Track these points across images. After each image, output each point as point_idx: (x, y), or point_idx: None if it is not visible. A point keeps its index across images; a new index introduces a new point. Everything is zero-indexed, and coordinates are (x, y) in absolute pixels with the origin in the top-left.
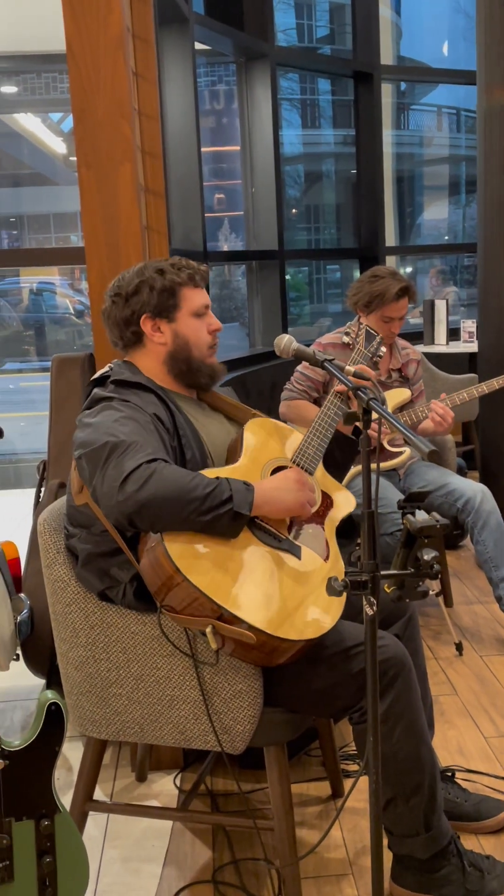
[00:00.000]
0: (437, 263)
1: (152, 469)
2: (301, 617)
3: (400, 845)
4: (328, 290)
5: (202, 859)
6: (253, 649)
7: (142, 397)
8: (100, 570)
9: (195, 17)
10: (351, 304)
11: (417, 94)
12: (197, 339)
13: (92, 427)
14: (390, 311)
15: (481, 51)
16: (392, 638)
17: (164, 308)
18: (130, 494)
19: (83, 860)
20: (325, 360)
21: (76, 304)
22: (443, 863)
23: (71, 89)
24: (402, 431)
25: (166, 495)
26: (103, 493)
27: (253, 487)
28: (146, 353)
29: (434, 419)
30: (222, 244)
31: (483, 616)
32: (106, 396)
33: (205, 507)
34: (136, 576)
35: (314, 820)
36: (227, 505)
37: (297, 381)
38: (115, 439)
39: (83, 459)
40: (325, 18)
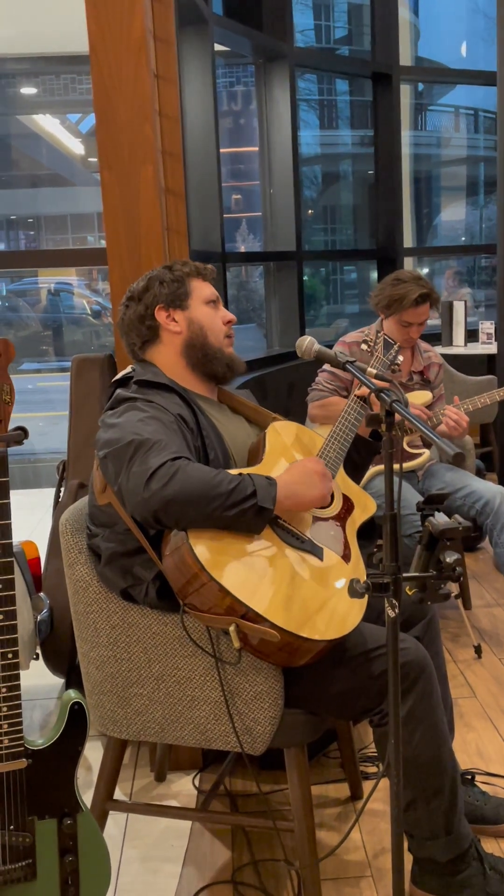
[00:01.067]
0: (453, 264)
1: (177, 466)
2: (323, 617)
3: (420, 848)
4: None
5: (221, 860)
6: (275, 649)
7: (165, 398)
8: (122, 568)
9: (214, 18)
10: (373, 304)
11: (435, 94)
12: (212, 325)
13: (116, 427)
14: (408, 317)
15: (502, 51)
16: (413, 640)
17: (175, 297)
18: (156, 491)
19: (105, 859)
20: (348, 362)
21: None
22: (463, 866)
23: (94, 91)
24: (427, 434)
25: (191, 492)
26: (128, 491)
27: (276, 482)
28: (163, 347)
29: (448, 423)
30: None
31: (502, 619)
32: (129, 397)
33: (229, 503)
34: (158, 574)
35: (333, 822)
36: (252, 500)
37: (327, 381)
38: (139, 438)
39: (108, 458)
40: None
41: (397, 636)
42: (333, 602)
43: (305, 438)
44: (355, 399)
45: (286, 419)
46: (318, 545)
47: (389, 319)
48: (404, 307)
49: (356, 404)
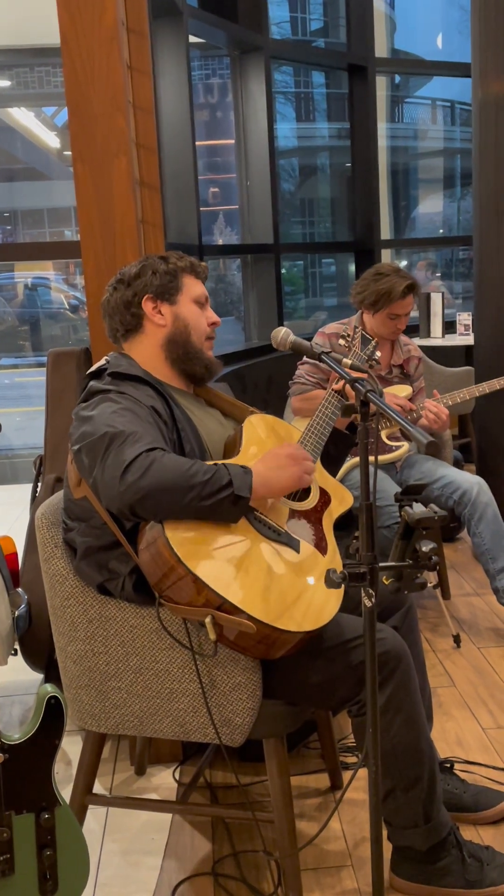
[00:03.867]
0: (430, 256)
1: (152, 458)
2: (300, 609)
3: (399, 837)
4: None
5: (202, 852)
6: (252, 642)
7: (139, 390)
8: (98, 563)
9: (189, 9)
10: (356, 302)
11: (412, 86)
12: (196, 325)
13: (90, 419)
14: (397, 309)
15: (476, 42)
16: (390, 630)
17: (165, 290)
18: (132, 483)
19: (83, 853)
20: (323, 353)
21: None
22: (442, 854)
23: (66, 83)
24: (401, 423)
25: (167, 483)
26: (104, 484)
27: (251, 470)
28: (144, 338)
29: (428, 416)
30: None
31: (480, 608)
32: (103, 389)
33: (205, 493)
34: (134, 568)
35: (313, 812)
36: (228, 489)
37: (309, 373)
38: (113, 430)
39: (82, 452)
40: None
41: (374, 626)
42: (310, 593)
43: (282, 431)
44: (332, 393)
45: (263, 412)
46: (294, 538)
47: (377, 315)
48: (393, 300)
49: (333, 398)
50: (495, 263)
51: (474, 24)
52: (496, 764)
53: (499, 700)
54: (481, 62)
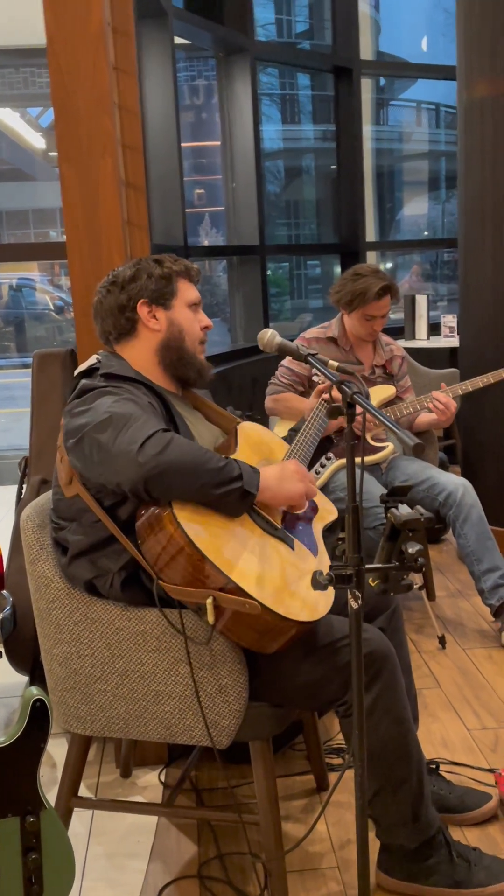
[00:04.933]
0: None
1: (170, 436)
2: (297, 600)
3: (387, 835)
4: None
5: (188, 854)
6: (250, 629)
7: (133, 390)
8: (89, 560)
9: (174, 10)
10: (333, 301)
11: (397, 89)
12: (190, 329)
13: (89, 411)
14: (371, 310)
15: (461, 45)
16: (376, 631)
17: (161, 294)
18: (152, 457)
19: (69, 857)
20: (309, 355)
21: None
22: (430, 852)
23: (51, 83)
24: (387, 424)
25: (185, 462)
26: (119, 459)
27: (259, 471)
28: (138, 341)
29: (437, 407)
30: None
31: (466, 609)
32: (98, 385)
33: (217, 481)
34: (124, 566)
35: (299, 814)
36: (238, 482)
37: (283, 375)
38: (119, 412)
39: (84, 439)
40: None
41: (360, 627)
42: (305, 587)
43: (271, 441)
44: (322, 403)
45: (250, 420)
46: (289, 535)
47: (352, 315)
48: (367, 301)
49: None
50: (480, 266)
51: (459, 28)
52: (481, 765)
53: (484, 701)
54: (466, 65)
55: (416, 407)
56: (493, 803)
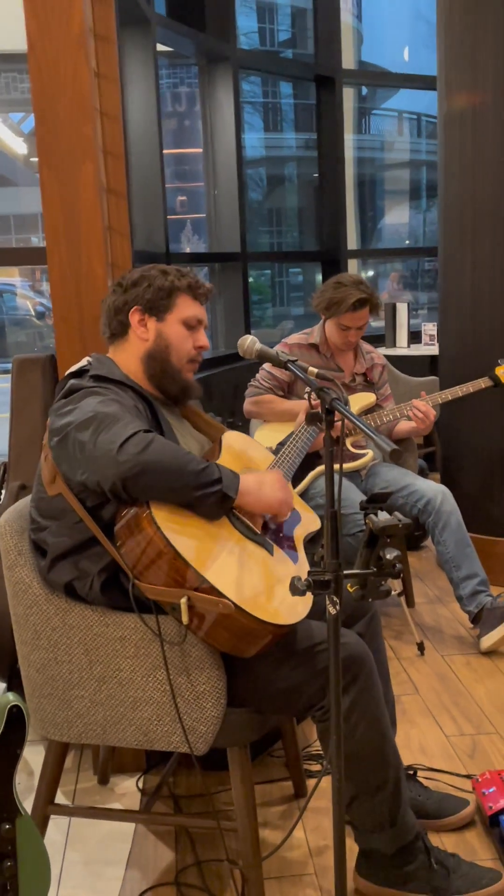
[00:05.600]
0: (398, 268)
1: (151, 436)
2: (274, 603)
3: (365, 841)
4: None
5: (165, 861)
6: (226, 631)
7: (121, 393)
8: (71, 562)
9: (157, 18)
10: (313, 306)
11: (378, 98)
12: (179, 347)
13: (75, 409)
14: (346, 321)
15: (441, 56)
16: (353, 636)
17: (155, 305)
18: (132, 456)
19: (45, 864)
20: (289, 361)
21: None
22: (409, 858)
23: (32, 89)
24: (366, 431)
25: (165, 462)
26: (99, 458)
27: (238, 476)
28: (128, 345)
29: (416, 416)
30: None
31: (444, 616)
32: (86, 386)
33: (197, 483)
34: (104, 568)
35: (277, 820)
36: (217, 485)
37: (264, 378)
38: (103, 412)
39: (67, 438)
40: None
41: (338, 633)
42: (283, 592)
43: (255, 450)
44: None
45: (231, 426)
46: (269, 541)
47: (330, 322)
48: (342, 311)
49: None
50: (460, 274)
51: (440, 39)
52: (459, 771)
53: (462, 707)
54: (447, 76)
55: (395, 415)
56: (470, 809)
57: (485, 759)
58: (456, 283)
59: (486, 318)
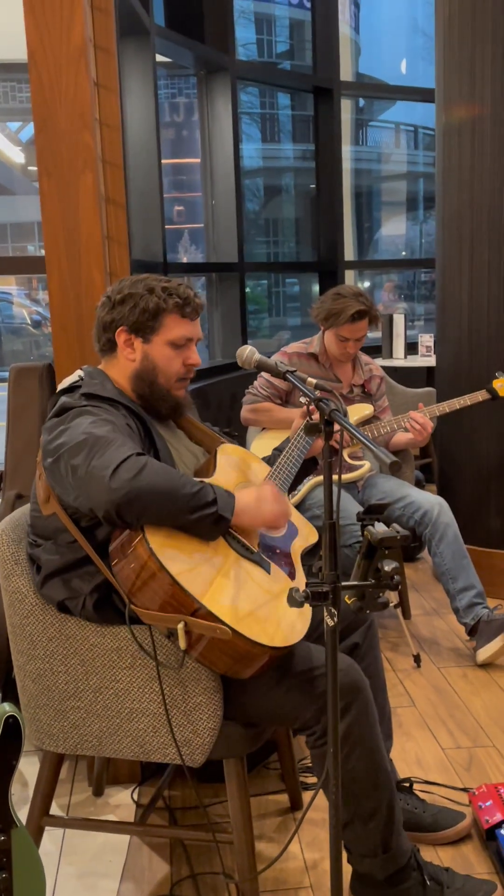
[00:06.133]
0: (393, 278)
1: (144, 460)
2: (271, 625)
3: (359, 864)
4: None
5: (160, 874)
6: (223, 654)
7: (112, 412)
8: (62, 581)
9: (156, 28)
10: (313, 316)
11: (376, 110)
12: (166, 368)
13: (67, 430)
14: (345, 332)
15: (440, 69)
16: (348, 662)
17: (141, 327)
18: (125, 482)
19: (40, 876)
20: (287, 372)
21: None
22: (403, 877)
23: (32, 99)
24: (364, 443)
25: (159, 487)
26: (91, 484)
27: (234, 495)
28: (117, 362)
29: (414, 427)
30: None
31: (441, 628)
32: (77, 405)
33: (191, 506)
34: (96, 587)
35: (272, 833)
36: (213, 507)
37: (262, 387)
38: (95, 435)
39: (61, 459)
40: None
41: (336, 645)
42: (280, 612)
43: (252, 463)
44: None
45: (232, 437)
46: (265, 559)
47: (328, 333)
48: (340, 322)
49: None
50: (458, 286)
51: (438, 52)
52: (455, 784)
53: (458, 720)
54: (445, 88)
55: (393, 426)
56: (466, 822)
57: (481, 773)
58: (454, 295)
59: (484, 330)
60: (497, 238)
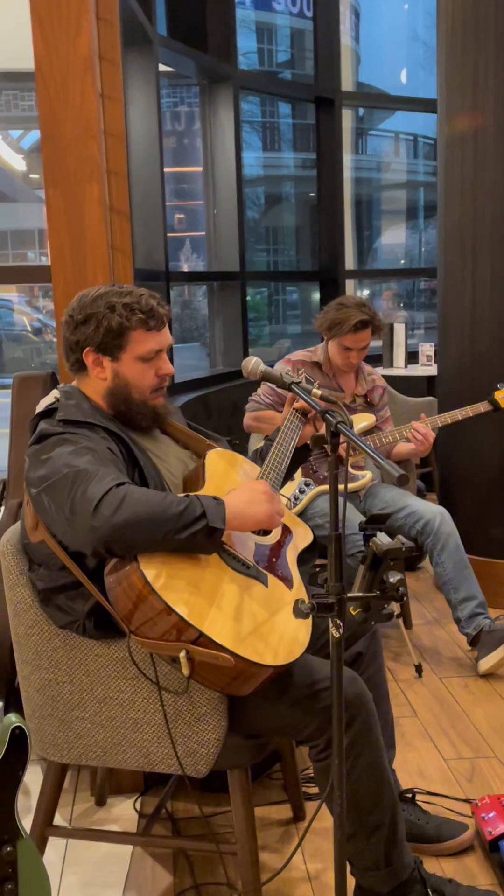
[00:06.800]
0: (392, 287)
1: (123, 492)
2: (273, 642)
3: (361, 878)
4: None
5: (163, 885)
6: (226, 677)
7: (91, 436)
8: (58, 606)
9: (159, 38)
10: (316, 326)
11: (376, 119)
12: (139, 383)
13: (48, 461)
14: (347, 341)
15: (442, 79)
16: (351, 675)
17: (107, 347)
18: (106, 519)
19: (45, 886)
20: (293, 384)
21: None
22: (406, 890)
23: (39, 109)
24: (372, 455)
25: (142, 517)
26: (75, 523)
27: (223, 502)
28: (90, 381)
29: (416, 438)
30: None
31: (442, 638)
32: (55, 432)
33: (180, 525)
34: (92, 609)
35: (276, 843)
36: (202, 521)
37: (265, 394)
38: (75, 469)
39: (42, 495)
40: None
41: (342, 657)
42: (281, 627)
43: (243, 465)
44: (292, 414)
45: (223, 442)
46: (263, 572)
47: (332, 343)
48: (343, 332)
49: (293, 422)
50: (459, 295)
51: (440, 62)
52: (458, 795)
53: (460, 730)
54: (447, 99)
55: (395, 437)
56: (469, 834)
57: (483, 784)
58: (455, 305)
59: (486, 340)
60: (499, 248)
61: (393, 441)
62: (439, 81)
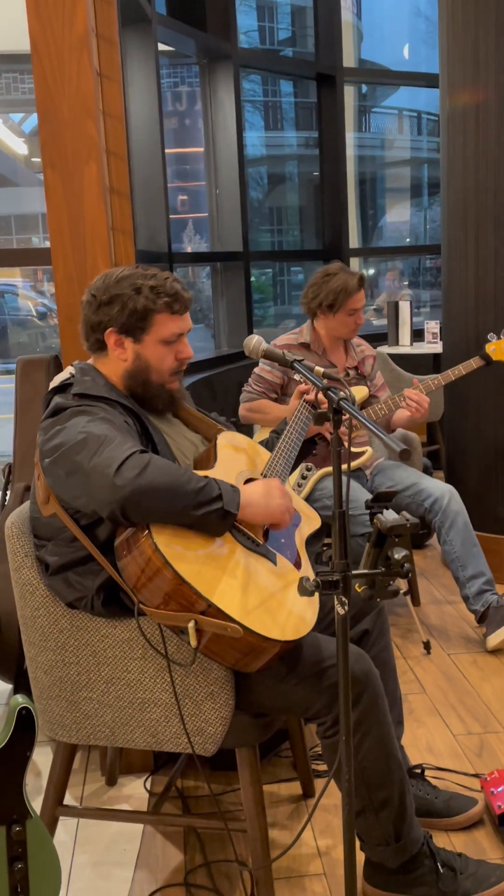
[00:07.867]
0: (397, 265)
1: (148, 458)
2: (281, 618)
3: (371, 852)
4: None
5: (174, 862)
6: (234, 650)
7: (108, 409)
8: (67, 581)
9: (158, 17)
10: (312, 307)
11: (378, 96)
12: (159, 365)
13: (63, 430)
14: (354, 303)
15: (444, 54)
16: (357, 652)
17: (131, 328)
18: (129, 480)
19: (55, 866)
20: (295, 361)
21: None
22: (415, 865)
23: (35, 89)
24: (374, 431)
25: (163, 484)
26: (94, 483)
27: (238, 489)
28: (109, 361)
29: (410, 406)
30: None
31: (450, 615)
32: (70, 405)
33: (197, 502)
34: (102, 585)
35: (285, 820)
36: (218, 502)
37: (255, 382)
38: (93, 433)
39: (58, 461)
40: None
41: (347, 633)
42: (289, 604)
43: (251, 449)
44: (303, 405)
45: (230, 426)
46: (271, 550)
47: (336, 316)
48: (350, 294)
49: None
50: (463, 272)
51: (442, 37)
52: (466, 770)
53: (469, 706)
54: (449, 74)
55: (390, 406)
56: (478, 808)
57: (492, 758)
58: (459, 282)
59: (491, 315)
60: (502, 222)
61: (389, 411)
62: (441, 56)
